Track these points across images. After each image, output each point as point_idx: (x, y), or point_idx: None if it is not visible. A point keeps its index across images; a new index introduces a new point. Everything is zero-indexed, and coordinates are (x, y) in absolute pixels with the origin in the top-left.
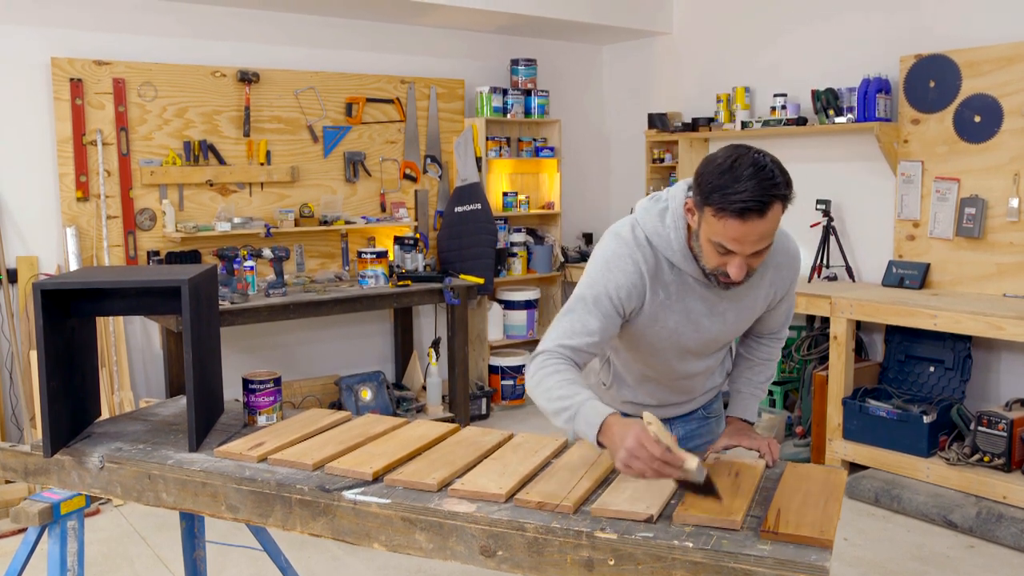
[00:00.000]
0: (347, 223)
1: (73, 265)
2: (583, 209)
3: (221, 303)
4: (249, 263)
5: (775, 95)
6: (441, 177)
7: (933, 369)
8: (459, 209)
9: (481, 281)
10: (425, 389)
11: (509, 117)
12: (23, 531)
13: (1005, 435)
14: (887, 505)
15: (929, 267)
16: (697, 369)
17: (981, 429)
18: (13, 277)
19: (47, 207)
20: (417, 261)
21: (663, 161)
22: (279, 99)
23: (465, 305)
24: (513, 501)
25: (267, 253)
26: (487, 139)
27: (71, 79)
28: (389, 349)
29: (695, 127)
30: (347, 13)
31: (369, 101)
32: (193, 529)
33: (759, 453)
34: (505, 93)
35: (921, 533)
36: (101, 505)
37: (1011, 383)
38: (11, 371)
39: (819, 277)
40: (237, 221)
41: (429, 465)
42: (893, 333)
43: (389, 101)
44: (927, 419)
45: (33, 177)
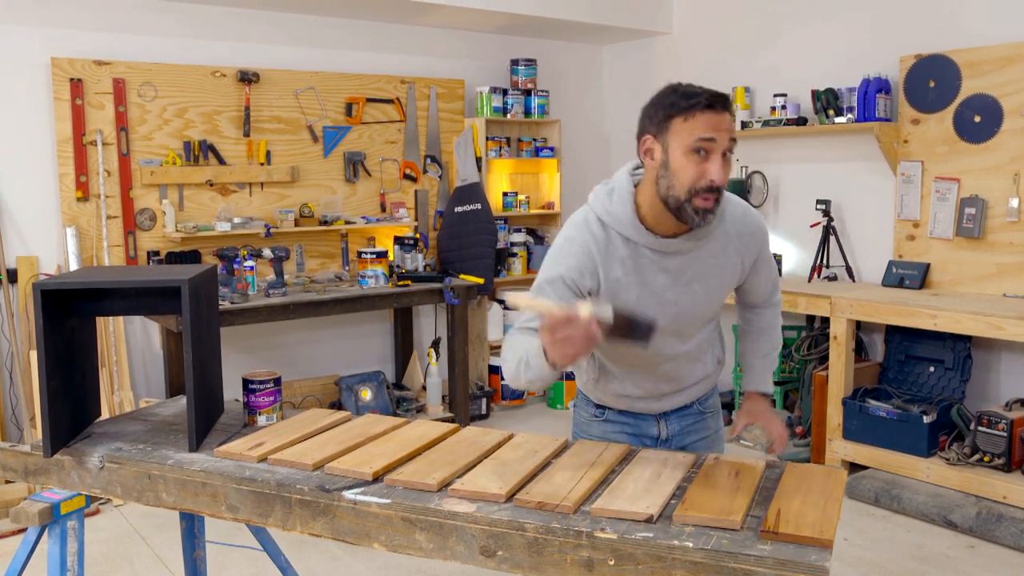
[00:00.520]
0: (347, 223)
1: (73, 265)
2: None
3: (221, 303)
4: (249, 263)
5: (775, 95)
6: (441, 177)
7: (933, 369)
8: (459, 209)
9: (481, 281)
10: (425, 389)
11: (509, 117)
12: (23, 531)
13: (1005, 435)
14: (887, 505)
15: (929, 267)
16: (678, 351)
17: (981, 429)
18: (13, 277)
19: (47, 207)
20: (417, 261)
21: None
22: (279, 99)
23: (465, 305)
24: (513, 501)
25: (267, 253)
26: (487, 139)
27: (71, 79)
28: (389, 349)
29: None
30: (347, 13)
31: (369, 101)
32: (193, 529)
33: (766, 444)
34: (505, 93)
35: (921, 533)
36: (101, 505)
37: (1011, 383)
38: (11, 371)
39: (819, 277)
40: (237, 221)
41: (429, 465)
42: (893, 333)
43: (389, 101)
44: (927, 419)
45: (33, 177)
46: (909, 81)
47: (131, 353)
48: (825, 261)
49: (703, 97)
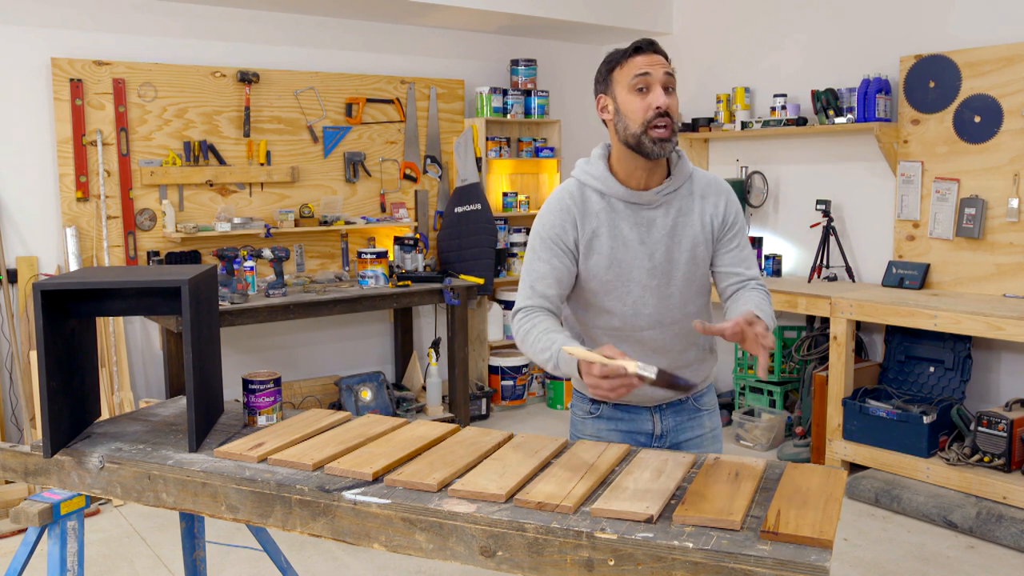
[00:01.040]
0: (347, 223)
1: (73, 265)
2: None
3: (221, 303)
4: (249, 263)
5: (775, 95)
6: (441, 177)
7: (933, 369)
8: (459, 209)
9: (481, 281)
10: (425, 389)
11: (509, 117)
12: (23, 531)
13: (1005, 435)
14: (887, 505)
15: (929, 267)
16: (661, 315)
17: (981, 429)
18: (13, 277)
19: (47, 207)
20: (417, 261)
21: None
22: (279, 99)
23: (465, 305)
24: (513, 501)
25: (267, 253)
26: (487, 139)
27: (71, 79)
28: (389, 349)
29: (695, 127)
30: (347, 13)
31: (369, 101)
32: (193, 529)
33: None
34: (505, 93)
35: (921, 533)
36: (101, 505)
37: (1011, 383)
38: (11, 371)
39: (819, 277)
40: (237, 221)
41: (429, 465)
42: (893, 333)
43: (389, 101)
44: (927, 419)
45: (33, 177)
46: (909, 81)
47: (131, 353)
48: (825, 261)
49: (631, 46)
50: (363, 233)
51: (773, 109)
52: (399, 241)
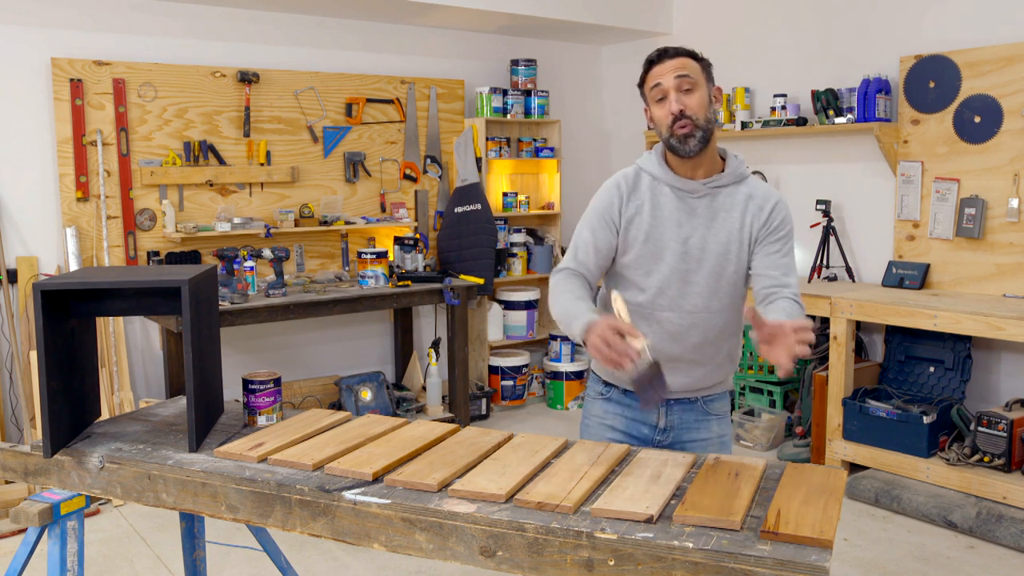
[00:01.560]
0: (347, 223)
1: (73, 265)
2: (583, 209)
3: (221, 303)
4: (249, 263)
5: (775, 95)
6: (441, 177)
7: (933, 369)
8: (459, 209)
9: (481, 281)
10: (425, 389)
11: (509, 117)
12: (23, 531)
13: (1005, 435)
14: (887, 505)
15: (929, 267)
16: (682, 300)
17: (981, 429)
18: (13, 277)
19: (47, 207)
20: (417, 261)
21: None
22: (279, 99)
23: (465, 305)
24: (513, 501)
25: (267, 253)
26: (487, 139)
27: (71, 79)
28: (389, 349)
29: None
30: (347, 13)
31: (369, 101)
32: (193, 529)
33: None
34: (505, 93)
35: (921, 533)
36: (101, 505)
37: (1011, 383)
38: (11, 371)
39: (819, 277)
40: (237, 221)
41: (429, 465)
42: (893, 333)
43: (389, 101)
44: (927, 419)
45: (33, 177)
46: (909, 81)
47: (131, 353)
48: (825, 261)
49: (647, 60)
50: (363, 233)
51: (773, 109)
52: (399, 241)
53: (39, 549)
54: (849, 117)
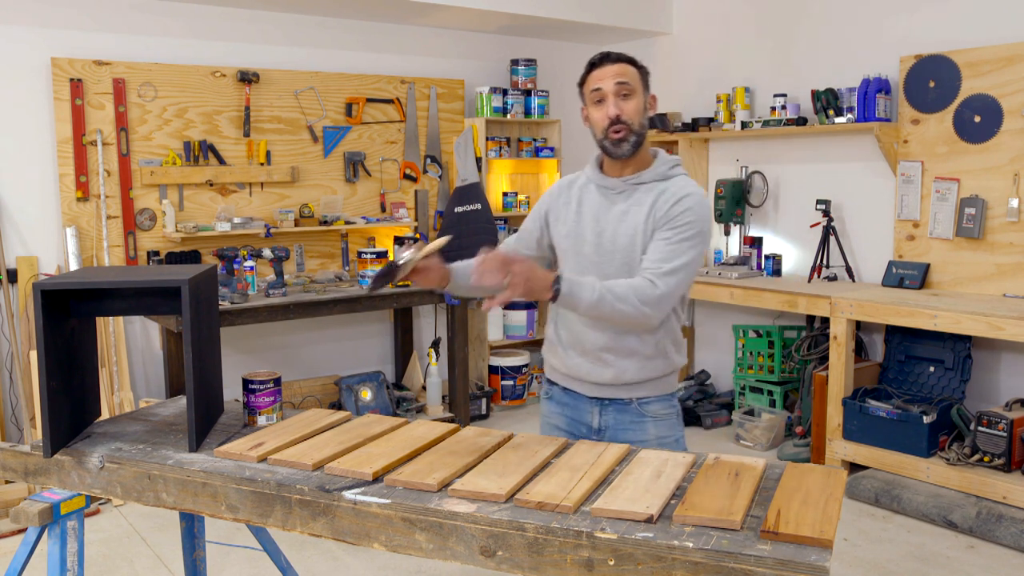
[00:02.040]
0: (347, 223)
1: (73, 265)
2: None
3: (221, 303)
4: (249, 263)
5: (775, 95)
6: (441, 177)
7: (933, 369)
8: (459, 209)
9: None
10: (425, 389)
11: (509, 117)
12: (23, 531)
13: (1005, 435)
14: (887, 505)
15: (929, 267)
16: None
17: (981, 429)
18: (13, 277)
19: (47, 207)
20: None
21: None
22: (279, 99)
23: (465, 305)
24: (513, 501)
25: (267, 253)
26: (487, 139)
27: (71, 79)
28: (389, 349)
29: (695, 127)
30: (347, 13)
31: (369, 101)
32: (193, 529)
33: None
34: (505, 93)
35: (921, 533)
36: (101, 505)
37: (1011, 383)
38: (11, 371)
39: (819, 277)
40: (237, 221)
41: (429, 465)
42: (893, 333)
43: (389, 101)
44: (927, 419)
45: (33, 177)
46: (909, 81)
47: (131, 353)
48: (825, 261)
49: (589, 62)
50: (363, 233)
51: (773, 109)
52: (399, 241)
53: (39, 549)
54: (849, 117)
